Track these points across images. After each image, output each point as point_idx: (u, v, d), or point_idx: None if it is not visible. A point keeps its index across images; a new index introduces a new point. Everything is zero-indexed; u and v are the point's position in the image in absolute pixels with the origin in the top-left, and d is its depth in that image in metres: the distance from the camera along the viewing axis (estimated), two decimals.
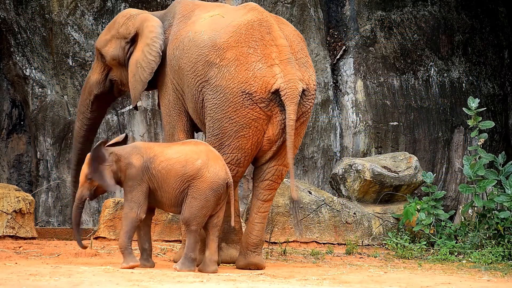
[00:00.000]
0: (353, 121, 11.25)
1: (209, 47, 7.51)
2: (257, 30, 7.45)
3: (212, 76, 7.45)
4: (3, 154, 10.51)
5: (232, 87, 7.38)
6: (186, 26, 7.89)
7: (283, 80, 7.33)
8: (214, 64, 7.45)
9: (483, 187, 9.38)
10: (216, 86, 7.43)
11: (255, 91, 7.35)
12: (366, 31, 11.35)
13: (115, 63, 8.30)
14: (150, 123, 10.64)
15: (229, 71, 7.39)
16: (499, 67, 11.82)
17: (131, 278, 6.41)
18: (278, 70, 7.36)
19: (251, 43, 7.41)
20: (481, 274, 7.95)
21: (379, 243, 9.73)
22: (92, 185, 7.24)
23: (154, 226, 8.90)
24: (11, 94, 10.54)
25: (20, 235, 8.75)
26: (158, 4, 10.49)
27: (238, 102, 7.37)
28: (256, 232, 7.66)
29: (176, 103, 7.91)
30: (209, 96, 7.47)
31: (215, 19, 7.70)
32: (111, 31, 8.34)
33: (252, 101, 7.36)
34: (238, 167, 7.54)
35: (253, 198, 7.73)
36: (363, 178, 9.97)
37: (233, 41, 7.43)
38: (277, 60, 7.38)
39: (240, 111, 7.38)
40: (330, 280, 7.00)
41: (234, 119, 7.40)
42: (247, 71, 7.36)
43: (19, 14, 10.30)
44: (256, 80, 7.35)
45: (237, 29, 7.47)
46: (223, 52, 7.43)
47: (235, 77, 7.37)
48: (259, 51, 7.40)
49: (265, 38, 7.43)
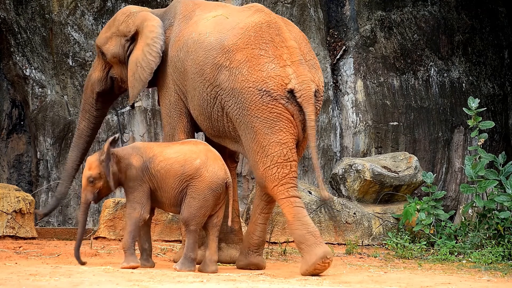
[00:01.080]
0: (353, 121, 11.25)
1: (217, 49, 7.46)
2: (266, 32, 7.40)
3: (223, 80, 7.39)
4: (3, 154, 10.51)
5: (247, 87, 7.29)
6: (188, 26, 7.85)
7: (297, 81, 7.28)
8: (224, 67, 7.39)
9: (483, 187, 9.38)
10: (232, 90, 7.36)
11: (273, 89, 7.26)
12: (366, 31, 11.35)
13: (115, 60, 8.28)
14: (150, 123, 10.64)
15: (241, 72, 7.32)
16: (499, 67, 11.82)
17: (131, 278, 6.41)
18: (291, 71, 7.30)
19: (261, 45, 7.35)
20: (481, 274, 7.95)
21: (379, 243, 9.72)
22: (95, 187, 7.25)
23: (154, 226, 8.90)
24: (11, 94, 10.54)
25: (20, 235, 8.75)
26: (158, 4, 10.49)
27: (258, 100, 7.27)
28: (259, 232, 7.65)
29: (177, 104, 7.88)
30: (229, 103, 7.40)
31: (219, 20, 7.66)
32: (111, 29, 8.31)
33: (272, 97, 7.26)
34: (289, 162, 7.32)
35: (257, 198, 7.68)
36: (363, 178, 9.97)
37: (242, 43, 7.38)
38: (289, 61, 7.33)
39: (264, 108, 7.27)
40: (330, 280, 7.00)
41: (261, 116, 7.28)
42: (260, 71, 7.29)
43: (19, 14, 10.30)
44: (272, 79, 7.27)
45: (246, 31, 7.41)
46: (233, 54, 7.37)
47: (249, 78, 7.30)
48: (270, 52, 7.33)
49: (275, 40, 7.39)
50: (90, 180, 7.22)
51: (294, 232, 7.24)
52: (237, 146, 7.62)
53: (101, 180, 7.23)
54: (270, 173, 7.28)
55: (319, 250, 7.13)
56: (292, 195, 7.26)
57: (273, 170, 7.28)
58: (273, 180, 7.28)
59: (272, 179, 7.28)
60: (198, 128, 8.00)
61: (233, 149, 7.74)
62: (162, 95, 8.02)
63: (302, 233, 7.19)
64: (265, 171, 7.29)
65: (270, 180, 7.29)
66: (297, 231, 7.21)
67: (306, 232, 7.18)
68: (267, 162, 7.28)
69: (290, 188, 7.27)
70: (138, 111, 10.62)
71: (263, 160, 7.29)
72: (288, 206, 7.24)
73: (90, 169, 7.23)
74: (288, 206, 7.24)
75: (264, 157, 7.29)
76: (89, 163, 7.26)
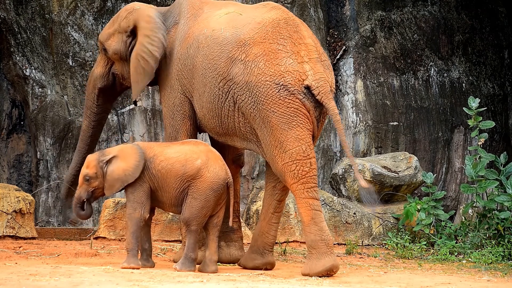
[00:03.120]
0: (353, 121, 11.26)
1: (233, 43, 7.39)
2: (284, 28, 7.36)
3: (237, 73, 7.31)
4: (3, 154, 10.50)
5: (264, 80, 7.21)
6: (196, 24, 7.78)
7: (314, 78, 7.22)
8: (239, 60, 7.31)
9: (484, 187, 9.38)
10: (246, 83, 7.27)
11: (290, 83, 7.19)
12: (366, 31, 11.35)
13: (116, 57, 8.24)
14: (150, 123, 10.64)
15: (258, 66, 7.24)
16: (499, 67, 11.82)
17: (131, 278, 6.41)
18: (308, 67, 7.25)
19: (279, 40, 7.29)
20: (481, 274, 7.95)
21: (379, 243, 9.73)
22: (90, 186, 7.27)
23: (154, 226, 8.90)
24: (11, 94, 10.54)
25: (20, 235, 8.75)
26: (158, 4, 10.48)
27: (274, 94, 7.19)
28: (273, 232, 7.65)
29: (181, 106, 7.80)
30: (242, 97, 7.31)
31: (232, 17, 7.61)
32: (114, 25, 8.27)
33: (289, 92, 7.19)
34: (308, 159, 7.22)
35: (268, 198, 7.63)
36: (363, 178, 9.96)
37: (260, 37, 7.32)
38: (306, 58, 7.27)
39: (281, 102, 7.19)
40: (330, 280, 7.00)
41: (278, 111, 7.19)
42: (278, 65, 7.22)
43: (19, 14, 10.29)
44: (289, 74, 7.20)
45: (263, 26, 7.35)
46: (249, 48, 7.30)
47: (266, 72, 7.22)
48: (288, 48, 7.28)
49: (293, 36, 7.34)
50: (86, 179, 7.25)
51: (308, 235, 7.20)
52: (246, 143, 7.56)
53: (96, 179, 7.25)
54: (289, 170, 7.21)
55: (327, 262, 7.10)
56: (311, 196, 7.19)
57: (292, 167, 7.21)
58: (292, 177, 7.21)
59: (291, 176, 7.21)
60: (200, 130, 7.95)
61: (241, 147, 7.69)
62: (165, 95, 7.94)
63: (315, 239, 7.15)
64: (284, 167, 7.23)
65: (290, 176, 7.22)
66: (311, 235, 7.17)
67: (319, 239, 7.15)
68: (286, 158, 7.21)
69: (310, 189, 7.19)
70: (138, 111, 10.62)
71: (282, 155, 7.23)
72: (306, 208, 7.19)
73: (88, 168, 7.27)
74: (306, 207, 7.19)
75: (283, 153, 7.22)
76: (87, 162, 7.29)
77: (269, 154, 7.32)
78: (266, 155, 7.40)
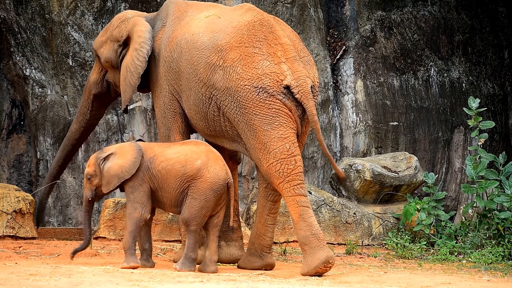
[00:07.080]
0: (353, 121, 11.25)
1: (210, 48, 7.46)
2: (259, 31, 7.41)
3: (218, 80, 7.37)
4: (3, 154, 10.50)
5: (243, 84, 7.27)
6: (180, 27, 7.85)
7: (293, 77, 7.26)
8: (218, 66, 7.38)
9: (484, 188, 9.38)
10: (227, 89, 7.34)
11: (268, 85, 7.25)
12: (366, 31, 11.35)
13: (108, 65, 8.34)
14: (150, 123, 10.64)
15: (236, 71, 7.31)
16: (499, 67, 11.82)
17: (131, 278, 6.41)
18: (286, 67, 7.29)
19: (255, 43, 7.34)
20: (481, 274, 7.95)
21: (379, 243, 9.73)
22: (92, 184, 7.29)
23: (154, 226, 8.90)
24: (11, 94, 10.54)
25: (20, 235, 8.75)
26: (158, 4, 10.48)
27: (254, 98, 7.25)
28: (270, 233, 7.66)
29: (171, 104, 7.85)
30: (225, 102, 7.37)
31: (211, 20, 7.66)
32: (106, 33, 8.39)
33: (268, 93, 7.24)
34: (293, 157, 7.26)
35: (262, 199, 7.64)
36: (363, 178, 9.97)
37: (235, 42, 7.38)
38: (283, 58, 7.32)
39: (261, 105, 7.24)
40: (330, 280, 7.00)
41: (260, 113, 7.26)
42: (255, 69, 7.27)
43: (19, 14, 10.30)
44: (267, 76, 7.25)
45: (238, 30, 7.41)
46: (226, 53, 7.37)
47: (244, 76, 7.27)
48: (264, 50, 7.33)
49: (268, 38, 7.39)
50: (88, 177, 7.31)
51: (298, 232, 7.23)
52: (235, 145, 7.60)
53: (96, 177, 7.28)
54: (275, 170, 7.25)
55: (321, 254, 7.12)
56: (298, 193, 7.23)
57: (276, 167, 7.24)
58: (278, 177, 7.25)
59: (277, 176, 7.25)
60: (193, 129, 7.98)
61: (231, 148, 7.72)
62: (155, 96, 8.01)
63: (306, 235, 7.18)
64: (269, 168, 7.27)
65: (275, 177, 7.25)
66: (301, 231, 7.20)
67: (310, 234, 7.17)
68: (270, 159, 7.25)
69: (296, 186, 7.23)
70: (138, 111, 10.62)
71: (266, 157, 7.27)
72: (293, 205, 7.22)
73: (88, 166, 7.34)
74: (294, 205, 7.22)
75: (267, 154, 7.27)
76: (88, 161, 7.37)
77: (254, 157, 7.36)
78: (252, 159, 7.46)
